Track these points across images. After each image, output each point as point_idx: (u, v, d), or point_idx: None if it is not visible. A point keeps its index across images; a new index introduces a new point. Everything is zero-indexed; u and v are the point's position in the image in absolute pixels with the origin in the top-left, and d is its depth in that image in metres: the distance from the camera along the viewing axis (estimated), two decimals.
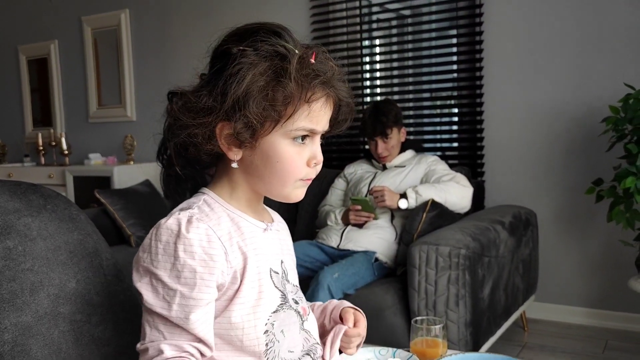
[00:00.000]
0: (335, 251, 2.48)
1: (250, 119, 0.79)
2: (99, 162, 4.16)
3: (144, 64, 4.16)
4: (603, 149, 2.61)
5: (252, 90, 0.79)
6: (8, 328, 0.85)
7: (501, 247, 2.31)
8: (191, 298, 0.78)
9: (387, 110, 2.57)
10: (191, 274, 0.78)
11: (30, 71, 4.76)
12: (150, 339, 0.80)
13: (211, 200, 0.87)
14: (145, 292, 0.79)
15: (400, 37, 3.23)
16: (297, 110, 0.81)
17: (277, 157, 0.84)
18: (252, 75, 0.79)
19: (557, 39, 2.80)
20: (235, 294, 0.82)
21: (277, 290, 0.88)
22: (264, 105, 0.79)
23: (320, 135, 0.88)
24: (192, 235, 0.79)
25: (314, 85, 0.81)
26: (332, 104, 0.87)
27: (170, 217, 0.81)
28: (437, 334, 1.27)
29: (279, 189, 0.87)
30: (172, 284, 0.78)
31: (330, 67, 0.85)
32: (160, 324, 0.80)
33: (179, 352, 0.79)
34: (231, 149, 0.84)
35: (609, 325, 2.78)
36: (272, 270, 0.88)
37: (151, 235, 0.81)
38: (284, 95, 0.80)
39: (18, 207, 0.94)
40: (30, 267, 0.90)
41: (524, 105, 2.90)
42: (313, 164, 0.87)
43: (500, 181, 2.97)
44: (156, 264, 0.79)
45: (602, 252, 2.79)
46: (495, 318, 2.30)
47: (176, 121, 0.83)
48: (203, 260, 0.79)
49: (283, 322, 0.86)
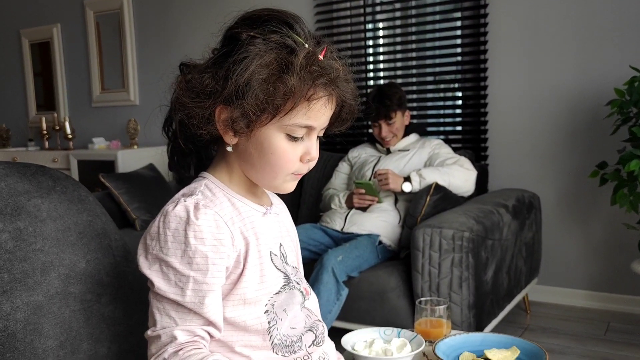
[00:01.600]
0: (339, 234, 2.49)
1: (247, 109, 0.79)
2: (103, 146, 4.17)
3: (147, 48, 4.15)
4: (607, 132, 2.60)
5: (252, 82, 0.78)
6: (20, 307, 0.86)
7: (504, 230, 2.32)
8: (204, 283, 0.80)
9: (391, 94, 2.57)
10: (203, 260, 0.79)
11: (33, 55, 4.75)
12: (161, 326, 0.81)
13: (212, 184, 0.88)
14: (157, 279, 0.80)
15: (404, 20, 3.22)
16: (296, 106, 0.81)
17: (271, 149, 0.84)
18: (256, 66, 0.78)
19: (562, 21, 2.78)
20: (238, 278, 0.84)
21: (279, 272, 0.89)
22: (262, 98, 0.79)
23: (321, 132, 0.89)
24: (201, 222, 0.80)
25: (317, 84, 0.81)
26: (334, 103, 0.86)
27: (177, 205, 0.81)
28: (441, 315, 1.29)
29: (270, 180, 0.88)
30: (184, 270, 0.79)
31: (337, 67, 0.84)
32: (171, 310, 0.81)
33: (191, 336, 0.80)
34: (227, 133, 0.84)
35: (611, 308, 2.80)
36: (272, 253, 0.89)
37: (158, 223, 0.81)
38: (284, 90, 0.79)
39: (28, 189, 0.95)
40: (41, 248, 0.91)
41: (529, 88, 2.89)
42: (306, 160, 0.87)
43: (503, 164, 2.97)
44: (166, 251, 0.80)
45: (605, 235, 2.80)
46: (498, 300, 2.31)
47: (178, 98, 0.84)
48: (213, 246, 0.80)
49: (284, 302, 0.88)
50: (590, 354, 2.35)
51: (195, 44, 1.33)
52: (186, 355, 0.78)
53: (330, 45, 0.85)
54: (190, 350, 0.79)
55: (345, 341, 1.17)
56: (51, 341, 0.89)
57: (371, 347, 1.14)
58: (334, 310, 2.16)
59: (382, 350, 1.13)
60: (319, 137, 0.90)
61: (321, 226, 2.56)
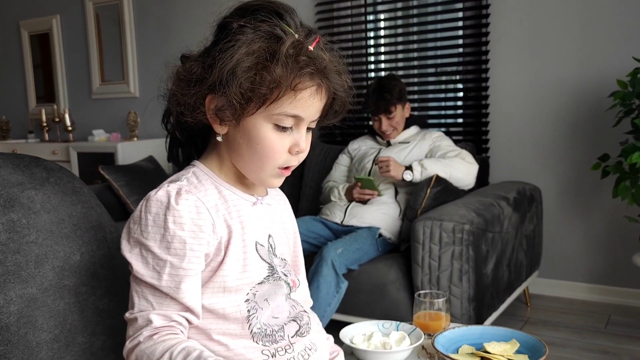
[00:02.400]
0: (339, 227, 2.48)
1: (232, 97, 0.79)
2: (103, 138, 4.16)
3: (147, 40, 4.13)
4: (610, 124, 2.58)
5: (237, 70, 0.78)
6: (14, 300, 0.85)
7: (505, 222, 2.31)
8: (181, 268, 0.80)
9: (391, 87, 2.54)
10: (181, 245, 0.80)
11: (33, 47, 4.72)
12: (139, 309, 0.81)
13: (200, 172, 0.88)
14: (136, 262, 0.81)
15: (405, 11, 3.19)
16: (282, 95, 0.80)
17: (258, 139, 0.83)
18: (242, 54, 0.78)
19: (564, 13, 2.75)
20: (219, 266, 0.84)
21: (264, 262, 0.89)
22: (247, 86, 0.79)
23: (312, 123, 0.87)
24: (181, 207, 0.80)
25: (303, 73, 0.80)
26: (325, 95, 0.85)
27: (159, 190, 0.82)
28: (440, 308, 1.28)
29: (256, 172, 0.87)
30: (162, 255, 0.80)
31: (326, 58, 0.83)
32: (149, 294, 0.81)
33: (167, 321, 0.81)
34: (217, 123, 0.85)
35: (612, 301, 2.79)
36: (258, 243, 0.89)
37: (141, 207, 0.82)
38: (270, 78, 0.79)
39: (21, 180, 0.94)
40: (35, 240, 0.90)
41: (530, 80, 2.87)
42: (295, 151, 0.86)
43: (504, 157, 2.95)
44: (146, 235, 0.80)
45: (607, 228, 2.78)
46: (498, 293, 2.31)
47: (170, 89, 0.85)
48: (192, 232, 0.80)
49: (267, 292, 0.87)
50: (591, 346, 2.34)
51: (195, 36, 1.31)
52: (160, 340, 0.79)
53: (322, 37, 0.84)
54: (165, 335, 0.79)
55: (344, 334, 1.16)
56: (45, 334, 0.88)
57: (370, 340, 1.14)
58: (333, 303, 2.15)
59: (380, 344, 1.12)
60: (311, 130, 0.89)
61: (321, 219, 2.55)
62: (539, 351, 1.06)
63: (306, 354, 0.90)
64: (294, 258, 1.02)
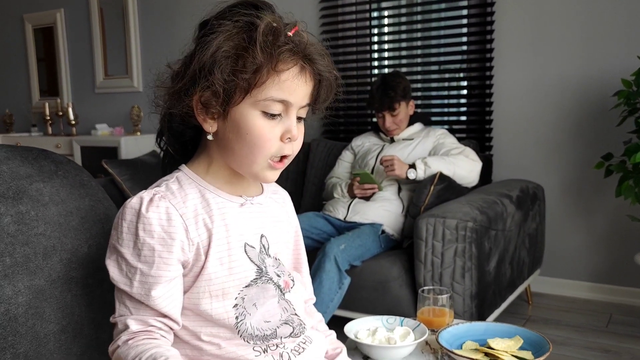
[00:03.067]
0: (342, 223, 2.49)
1: (216, 86, 0.79)
2: (106, 132, 4.16)
3: (151, 34, 4.13)
4: (613, 123, 2.58)
5: (217, 55, 0.79)
6: (22, 291, 0.86)
7: (508, 220, 2.31)
8: (150, 275, 0.80)
9: (395, 84, 2.54)
10: (150, 252, 0.80)
11: (37, 40, 4.72)
12: (119, 314, 0.83)
13: (184, 177, 0.87)
14: (112, 268, 0.82)
15: (409, 8, 3.19)
16: (266, 79, 0.80)
17: (246, 128, 0.82)
18: (221, 40, 0.79)
19: (569, 11, 2.75)
20: (200, 271, 0.83)
21: (253, 264, 0.87)
22: (229, 71, 0.79)
23: (302, 111, 0.86)
24: (150, 215, 0.80)
25: (282, 51, 0.79)
26: (311, 78, 0.84)
27: (135, 197, 0.83)
28: (444, 304, 1.28)
29: (249, 165, 0.85)
30: (133, 262, 0.81)
31: (308, 41, 0.83)
32: (126, 299, 0.82)
33: (144, 326, 0.81)
34: (206, 121, 0.84)
35: (614, 300, 2.79)
36: (248, 245, 0.87)
37: (119, 214, 0.83)
38: (250, 62, 0.79)
39: (30, 173, 0.94)
40: (43, 232, 0.91)
41: (535, 78, 2.87)
42: (287, 139, 0.83)
43: (508, 155, 2.95)
44: (121, 242, 0.81)
45: (609, 227, 2.78)
46: (500, 291, 2.31)
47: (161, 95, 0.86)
48: (162, 239, 0.80)
49: (256, 295, 0.86)
50: (592, 345, 2.34)
51: None
52: (135, 344, 0.80)
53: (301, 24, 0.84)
54: (142, 340, 0.80)
55: (348, 329, 1.17)
56: (53, 325, 0.89)
57: (374, 335, 1.14)
58: (335, 299, 2.16)
59: (385, 339, 1.12)
60: (302, 120, 0.87)
61: (324, 215, 2.55)
62: (542, 348, 1.07)
63: (300, 348, 0.89)
64: (296, 255, 1.01)
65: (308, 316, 0.99)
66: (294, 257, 1.01)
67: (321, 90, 0.86)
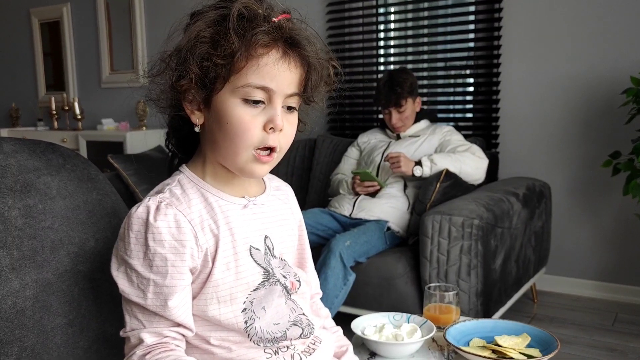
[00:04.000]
0: (347, 220, 2.48)
1: (191, 72, 0.78)
2: (112, 127, 4.17)
3: (157, 29, 4.12)
4: (622, 122, 2.57)
5: (193, 42, 0.78)
6: (29, 284, 0.86)
7: (514, 218, 2.30)
8: (164, 286, 0.79)
9: (402, 80, 2.53)
10: (162, 262, 0.78)
11: (43, 35, 4.73)
12: (130, 327, 0.81)
13: (185, 179, 0.86)
14: (122, 281, 0.80)
15: (416, 4, 3.17)
16: (244, 65, 0.77)
17: (226, 117, 0.79)
18: (199, 26, 0.78)
19: (577, 8, 2.73)
20: (207, 277, 0.82)
21: (259, 267, 0.85)
22: (202, 57, 0.77)
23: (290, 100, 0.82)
24: (160, 224, 0.78)
25: (255, 34, 0.76)
26: (297, 65, 0.80)
27: (140, 205, 0.80)
28: (451, 301, 1.28)
29: (233, 157, 0.82)
30: (145, 273, 0.79)
31: (294, 27, 0.79)
32: (138, 312, 0.81)
33: (159, 338, 0.80)
34: (193, 113, 0.83)
35: (620, 299, 2.78)
36: (253, 247, 0.85)
37: (125, 224, 0.81)
38: (226, 47, 0.76)
39: (37, 166, 0.94)
40: (51, 226, 0.90)
41: (541, 75, 2.85)
42: (270, 128, 0.79)
43: (514, 152, 2.94)
44: (130, 254, 0.79)
45: (616, 225, 2.77)
46: (506, 289, 2.30)
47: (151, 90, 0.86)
48: (173, 247, 0.79)
49: (264, 298, 0.85)
50: (597, 344, 2.34)
51: None
52: (154, 359, 0.78)
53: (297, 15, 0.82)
54: (159, 354, 0.79)
55: (355, 325, 1.16)
56: (60, 319, 0.89)
57: (381, 332, 1.14)
58: (340, 295, 2.16)
59: (392, 335, 1.12)
60: (294, 110, 0.83)
61: (329, 211, 2.55)
62: (550, 345, 1.06)
63: (310, 349, 0.89)
64: (300, 251, 1.00)
65: (314, 313, 0.98)
66: (299, 253, 0.99)
67: (309, 79, 0.81)
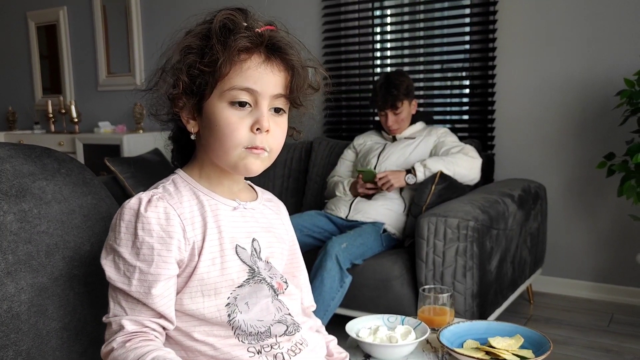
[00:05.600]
0: (343, 222, 2.49)
1: (181, 81, 0.83)
2: (109, 130, 4.17)
3: (154, 32, 4.13)
4: (616, 123, 2.58)
5: (183, 52, 0.84)
6: (24, 289, 0.86)
7: (510, 220, 2.31)
8: (149, 274, 0.81)
9: (399, 83, 2.54)
10: (149, 251, 0.81)
11: (40, 38, 4.73)
12: (113, 314, 0.83)
13: (180, 179, 0.90)
14: (109, 268, 0.82)
15: (412, 6, 3.19)
16: (229, 70, 0.82)
17: (216, 121, 0.84)
18: (188, 39, 0.84)
19: (572, 10, 2.75)
20: (193, 271, 0.84)
21: (245, 265, 0.88)
22: (189, 65, 0.83)
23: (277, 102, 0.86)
24: (149, 214, 0.82)
25: (237, 39, 0.82)
26: (281, 68, 0.85)
27: (133, 198, 0.84)
28: (445, 303, 1.29)
29: (225, 157, 0.86)
30: (132, 261, 0.81)
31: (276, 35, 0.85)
32: (122, 299, 0.82)
33: (140, 327, 0.81)
34: (189, 122, 0.87)
35: (615, 300, 2.79)
36: (239, 246, 0.88)
37: (117, 215, 0.84)
38: (211, 55, 0.82)
39: (33, 171, 0.94)
40: (46, 230, 0.91)
41: (537, 77, 2.87)
42: (256, 129, 0.84)
43: (510, 154, 2.95)
44: (119, 242, 0.82)
45: (611, 226, 2.78)
46: (502, 290, 2.31)
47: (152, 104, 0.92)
48: (160, 237, 0.81)
49: (248, 295, 0.86)
50: (593, 345, 2.35)
51: None
52: (133, 347, 0.79)
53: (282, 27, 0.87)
54: (139, 342, 0.80)
55: (350, 328, 1.17)
56: (55, 323, 0.89)
57: (375, 334, 1.14)
58: (337, 297, 2.16)
59: (386, 337, 1.13)
60: (282, 112, 0.88)
61: (326, 213, 2.55)
62: (543, 346, 1.07)
63: (297, 348, 0.89)
64: (293, 267, 1.01)
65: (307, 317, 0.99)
66: (290, 269, 1.01)
67: (294, 81, 0.86)
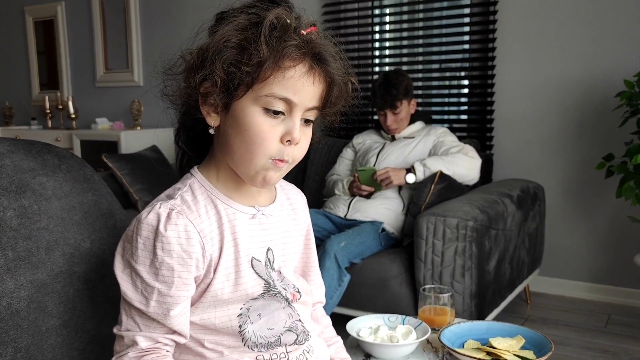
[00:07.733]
0: (342, 221, 2.49)
1: (216, 75, 0.77)
2: (106, 126, 4.15)
3: (152, 28, 4.11)
4: (615, 124, 2.58)
5: (221, 46, 0.76)
6: (24, 285, 0.85)
7: (508, 220, 2.31)
8: (169, 296, 0.79)
9: (398, 82, 2.54)
10: (169, 272, 0.78)
11: (37, 33, 4.71)
12: (126, 328, 0.81)
13: (197, 184, 0.85)
14: (125, 283, 0.80)
15: (411, 6, 3.18)
16: (270, 75, 0.76)
17: (245, 124, 0.78)
18: (228, 31, 0.77)
19: (572, 11, 2.75)
20: (207, 287, 0.82)
21: (260, 279, 0.85)
22: (229, 62, 0.76)
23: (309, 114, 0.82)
24: (170, 233, 0.78)
25: (287, 46, 0.76)
26: (320, 81, 0.80)
27: (151, 212, 0.79)
28: (445, 302, 1.28)
29: (247, 165, 0.81)
30: (150, 281, 0.79)
31: (322, 43, 0.80)
32: (136, 315, 0.81)
33: (153, 343, 0.81)
34: (210, 114, 0.82)
35: (612, 300, 2.80)
36: (254, 259, 0.85)
37: (133, 227, 0.80)
38: (254, 56, 0.76)
39: (33, 167, 0.93)
40: (46, 226, 0.90)
41: (536, 78, 2.87)
42: (287, 141, 0.79)
43: (509, 154, 2.95)
44: (136, 259, 0.79)
45: (609, 227, 2.79)
46: (500, 290, 2.31)
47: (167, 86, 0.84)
48: (181, 258, 0.78)
49: (261, 307, 0.85)
50: (590, 345, 2.35)
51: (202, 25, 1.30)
52: None
53: (321, 27, 0.82)
54: (150, 358, 0.80)
55: (350, 327, 1.16)
56: (55, 320, 0.89)
57: (376, 333, 1.14)
58: (335, 296, 2.16)
59: (387, 337, 1.12)
60: (311, 123, 0.84)
61: (324, 212, 2.55)
62: (544, 347, 1.07)
63: (304, 357, 0.88)
64: (305, 260, 0.99)
65: (315, 321, 0.98)
66: (303, 261, 0.99)
67: (331, 94, 0.82)
